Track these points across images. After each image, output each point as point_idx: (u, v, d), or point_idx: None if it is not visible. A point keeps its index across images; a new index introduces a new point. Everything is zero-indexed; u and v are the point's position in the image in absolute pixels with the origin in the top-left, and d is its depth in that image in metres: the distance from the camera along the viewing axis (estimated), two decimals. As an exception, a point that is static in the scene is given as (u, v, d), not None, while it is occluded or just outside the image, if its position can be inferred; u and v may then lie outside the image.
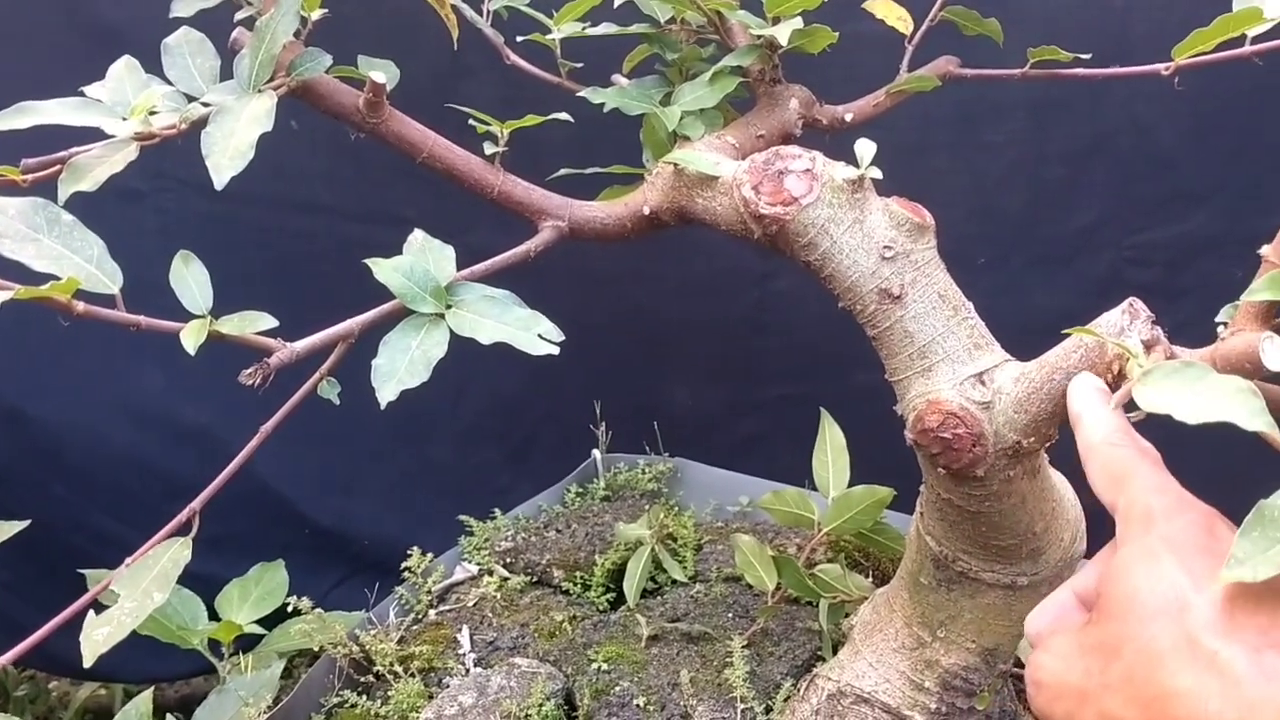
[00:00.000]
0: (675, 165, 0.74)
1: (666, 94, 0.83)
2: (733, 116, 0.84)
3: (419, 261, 0.64)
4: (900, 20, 0.86)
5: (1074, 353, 0.62)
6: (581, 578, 1.01)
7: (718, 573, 1.01)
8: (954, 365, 0.66)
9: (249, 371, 0.58)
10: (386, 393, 0.59)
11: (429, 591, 1.01)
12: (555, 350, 0.61)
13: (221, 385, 0.70)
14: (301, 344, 0.61)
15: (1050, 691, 0.49)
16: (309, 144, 1.35)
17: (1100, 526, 0.55)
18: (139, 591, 0.54)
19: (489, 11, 0.94)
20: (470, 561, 1.04)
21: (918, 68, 0.88)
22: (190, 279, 0.59)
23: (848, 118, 0.85)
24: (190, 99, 0.69)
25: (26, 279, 0.55)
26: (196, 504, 0.62)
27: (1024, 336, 0.70)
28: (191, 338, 0.56)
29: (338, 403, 0.65)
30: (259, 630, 1.08)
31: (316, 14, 0.79)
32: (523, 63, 0.92)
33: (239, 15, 0.75)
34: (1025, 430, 0.64)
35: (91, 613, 0.58)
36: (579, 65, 0.92)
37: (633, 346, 1.44)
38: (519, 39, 0.92)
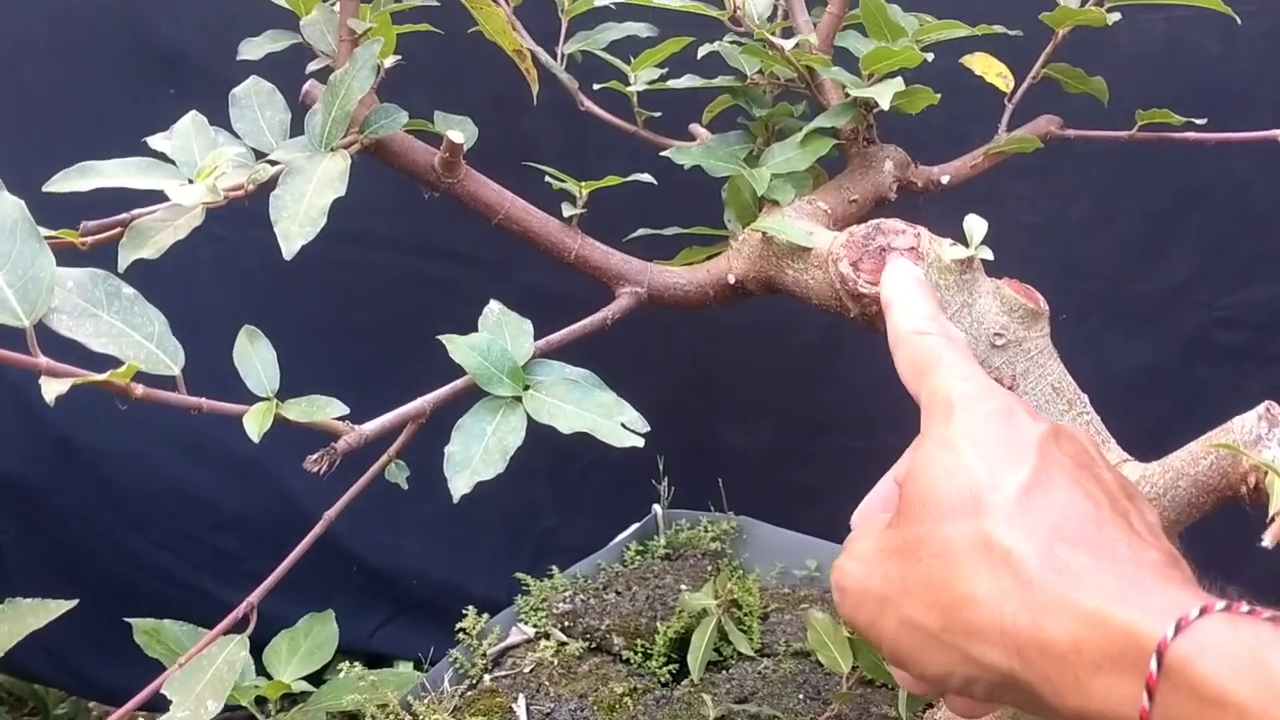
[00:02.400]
0: (764, 233, 0.69)
1: (751, 152, 0.79)
2: (822, 177, 0.79)
3: (495, 339, 0.60)
4: (1000, 77, 0.81)
5: (1202, 459, 0.57)
6: (643, 646, 0.97)
7: (786, 647, 0.96)
8: (1067, 464, 0.61)
9: (314, 458, 0.54)
10: (460, 484, 0.55)
11: (484, 654, 0.97)
12: (640, 442, 0.57)
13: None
14: (370, 426, 0.57)
15: (853, 598, 0.47)
16: (367, 174, 1.32)
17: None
18: (192, 699, 0.50)
19: (563, 55, 0.90)
20: (527, 623, 1.00)
21: (1017, 126, 0.83)
22: (255, 358, 0.55)
23: (944, 180, 0.80)
24: (258, 154, 0.66)
25: (83, 355, 0.52)
26: (254, 598, 0.59)
27: (1105, 396, 0.65)
28: (256, 423, 0.52)
29: (406, 487, 0.61)
30: (307, 687, 1.04)
31: (390, 61, 0.76)
32: (597, 109, 0.88)
33: (312, 66, 0.72)
34: (1144, 538, 0.59)
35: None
36: (657, 115, 0.88)
37: (690, 390, 1.40)
38: (595, 87, 0.88)
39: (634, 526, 1.13)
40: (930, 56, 0.72)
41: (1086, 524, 0.41)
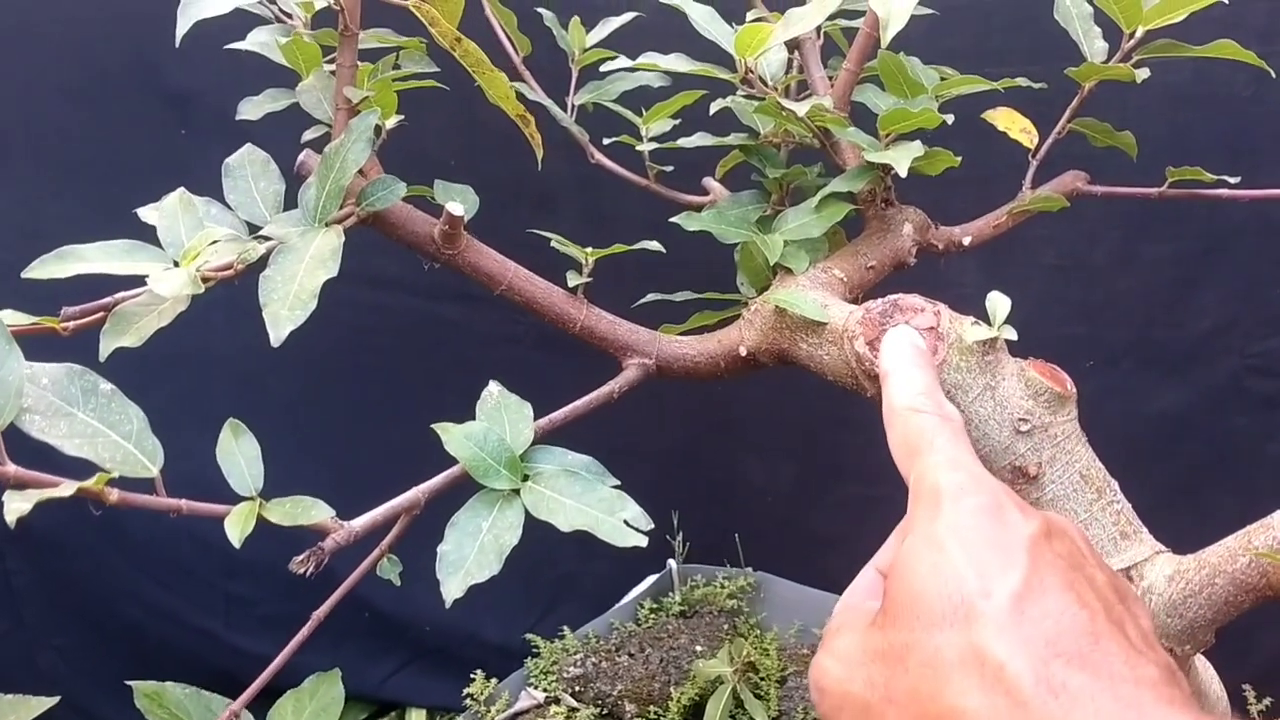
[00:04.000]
0: (777, 305, 0.66)
1: (764, 214, 0.76)
2: (839, 235, 0.77)
3: (493, 427, 0.58)
4: (1024, 133, 0.78)
5: (1240, 556, 0.54)
6: (655, 713, 0.94)
7: (805, 714, 0.93)
8: (1097, 558, 0.58)
9: (300, 559, 0.51)
10: (453, 588, 0.52)
11: (491, 721, 0.94)
12: (643, 541, 0.54)
13: (282, 462, 0.64)
14: (360, 522, 0.55)
15: (833, 699, 0.45)
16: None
17: None
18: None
19: (574, 106, 0.88)
20: (536, 687, 0.97)
21: (1042, 179, 0.80)
22: (239, 454, 0.53)
23: (966, 241, 0.77)
24: (251, 227, 0.63)
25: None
26: (237, 705, 0.56)
27: (1133, 444, 0.62)
28: (237, 526, 0.50)
29: (398, 583, 0.58)
30: (314, 749, 1.02)
31: (392, 122, 0.74)
32: (609, 162, 0.85)
33: (308, 134, 0.69)
34: (1180, 638, 0.56)
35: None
36: (668, 169, 0.85)
37: (706, 434, 1.37)
38: (606, 141, 0.85)
39: (649, 581, 1.10)
40: (950, 118, 0.69)
41: (1082, 637, 0.39)
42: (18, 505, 0.42)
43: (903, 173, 0.66)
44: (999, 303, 0.60)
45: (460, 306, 1.38)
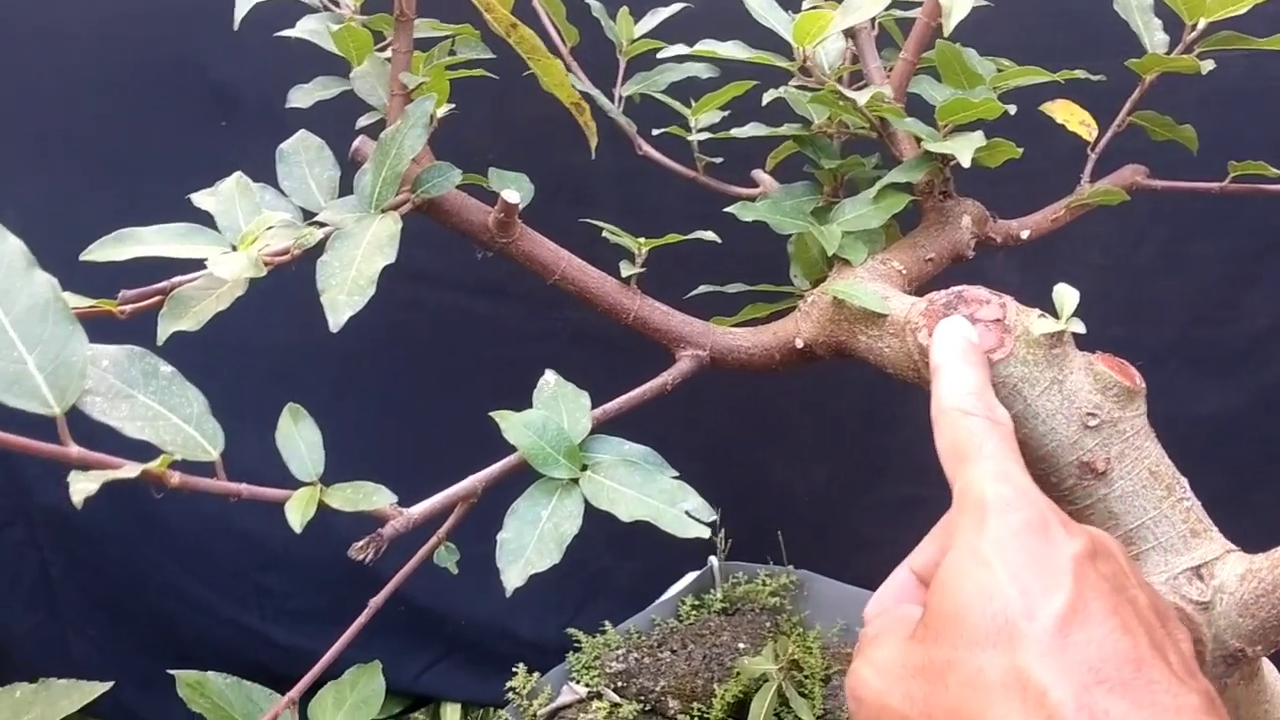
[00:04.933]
0: (835, 296, 0.65)
1: (819, 204, 0.75)
2: (894, 230, 0.75)
3: (551, 416, 0.57)
4: (1083, 125, 0.77)
5: (1318, 555, 0.53)
6: (699, 710, 0.93)
7: (849, 714, 0.92)
8: (1166, 555, 0.57)
9: (359, 545, 0.51)
10: (513, 576, 0.52)
11: (534, 716, 0.93)
12: (705, 532, 0.53)
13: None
14: (418, 509, 0.54)
15: (870, 711, 0.45)
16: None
17: None
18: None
19: (621, 98, 0.87)
20: (579, 682, 0.96)
21: (1100, 177, 0.78)
22: (299, 439, 0.52)
23: (1024, 235, 0.76)
24: (306, 214, 0.63)
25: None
26: (295, 692, 0.55)
27: (1181, 445, 0.61)
28: (298, 510, 0.49)
29: (455, 572, 0.58)
30: (352, 743, 1.01)
31: (443, 110, 0.73)
32: (656, 154, 0.84)
33: (362, 121, 0.69)
34: (1251, 638, 0.55)
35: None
36: (718, 160, 0.84)
37: (746, 431, 1.36)
38: (654, 132, 0.84)
39: (690, 577, 1.09)
40: (1012, 109, 0.67)
41: (1125, 664, 0.39)
42: (84, 485, 0.42)
43: (965, 163, 0.64)
44: (1067, 295, 0.58)
45: (493, 302, 1.38)
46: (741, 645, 0.96)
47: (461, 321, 1.38)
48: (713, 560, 1.10)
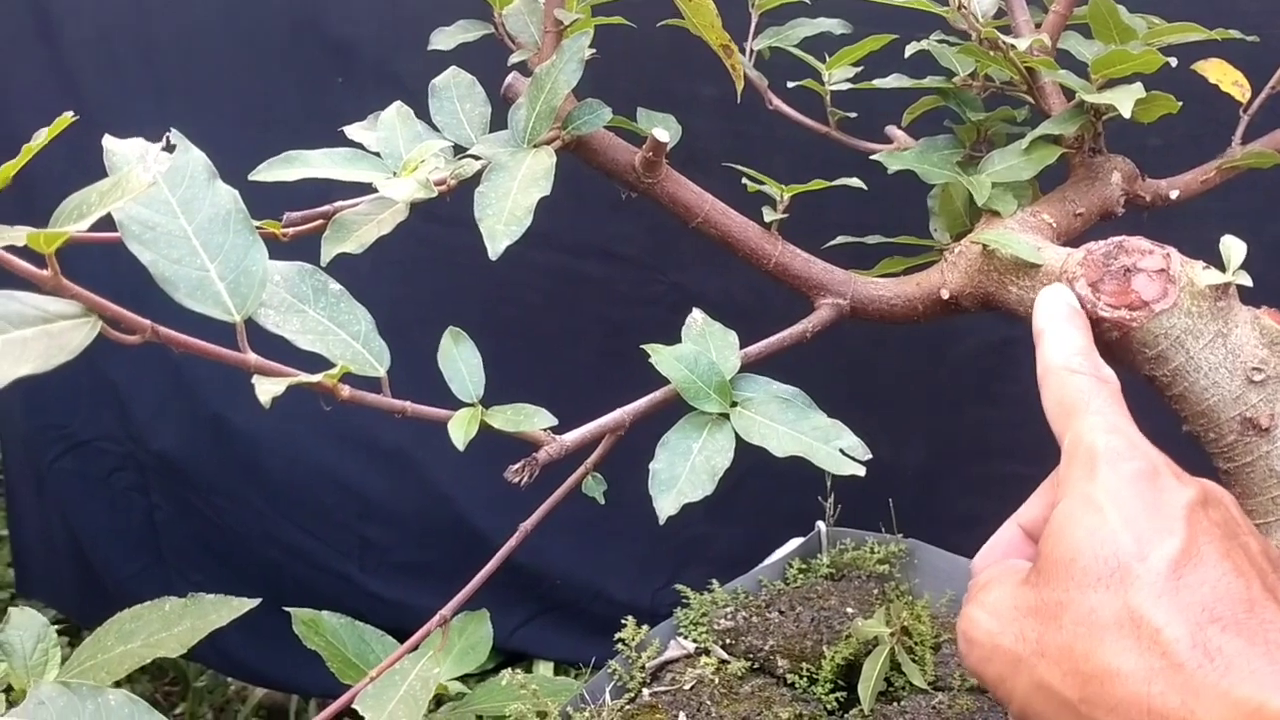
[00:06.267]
0: (985, 246, 0.64)
1: (960, 159, 0.74)
2: (1035, 188, 0.74)
3: (702, 351, 0.57)
4: (1236, 85, 0.75)
5: None
6: (808, 670, 0.92)
7: (961, 681, 0.91)
8: (1331, 516, 0.55)
9: (516, 467, 0.51)
10: (666, 505, 0.52)
11: (642, 668, 0.93)
12: (861, 470, 0.53)
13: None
14: (571, 437, 0.54)
15: (982, 651, 0.46)
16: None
17: None
18: (385, 716, 0.48)
19: (752, 51, 0.86)
20: (687, 637, 0.96)
21: (1252, 139, 0.76)
22: (460, 361, 0.53)
23: (1173, 195, 0.74)
24: (458, 148, 0.63)
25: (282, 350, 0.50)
26: (447, 610, 0.56)
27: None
28: (461, 430, 0.50)
29: (603, 502, 0.58)
30: (461, 688, 1.02)
31: (587, 54, 0.73)
32: (787, 108, 0.84)
33: (514, 58, 0.69)
34: None
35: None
36: (852, 115, 0.83)
37: (849, 401, 1.35)
38: (790, 85, 0.84)
39: (797, 542, 1.09)
40: (1174, 61, 0.66)
41: (1238, 604, 0.40)
42: (269, 387, 0.42)
43: (1126, 113, 0.63)
44: (1234, 247, 0.57)
45: (603, 264, 1.38)
46: (850, 610, 0.96)
47: (569, 283, 1.38)
48: (820, 525, 1.09)
